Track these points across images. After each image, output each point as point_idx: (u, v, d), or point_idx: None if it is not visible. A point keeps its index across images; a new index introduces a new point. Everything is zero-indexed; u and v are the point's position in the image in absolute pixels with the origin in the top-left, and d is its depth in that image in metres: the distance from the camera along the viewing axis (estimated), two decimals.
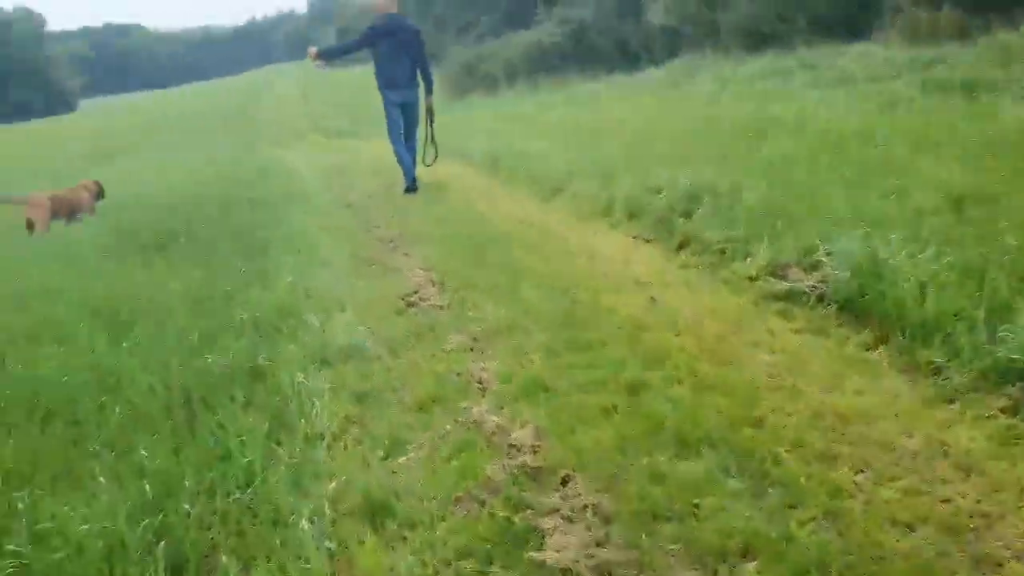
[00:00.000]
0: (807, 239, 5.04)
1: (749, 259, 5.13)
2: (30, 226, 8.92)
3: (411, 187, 9.43)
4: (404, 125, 9.69)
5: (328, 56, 10.17)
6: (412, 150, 9.74)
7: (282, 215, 8.09)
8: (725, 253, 5.39)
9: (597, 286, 5.08)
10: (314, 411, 3.63)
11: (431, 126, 9.95)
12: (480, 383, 3.88)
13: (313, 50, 9.80)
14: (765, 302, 4.62)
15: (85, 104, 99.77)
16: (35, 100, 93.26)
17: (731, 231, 5.56)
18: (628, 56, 22.12)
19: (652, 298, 4.77)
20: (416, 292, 5.41)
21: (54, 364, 4.10)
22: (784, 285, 4.70)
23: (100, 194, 9.70)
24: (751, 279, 4.91)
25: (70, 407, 3.73)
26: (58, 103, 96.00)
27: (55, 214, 9.24)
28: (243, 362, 4.06)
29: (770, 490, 2.84)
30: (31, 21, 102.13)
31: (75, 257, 6.71)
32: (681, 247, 5.81)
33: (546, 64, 24.25)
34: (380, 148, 18.80)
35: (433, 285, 5.53)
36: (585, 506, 2.87)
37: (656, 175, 7.19)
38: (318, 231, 7.57)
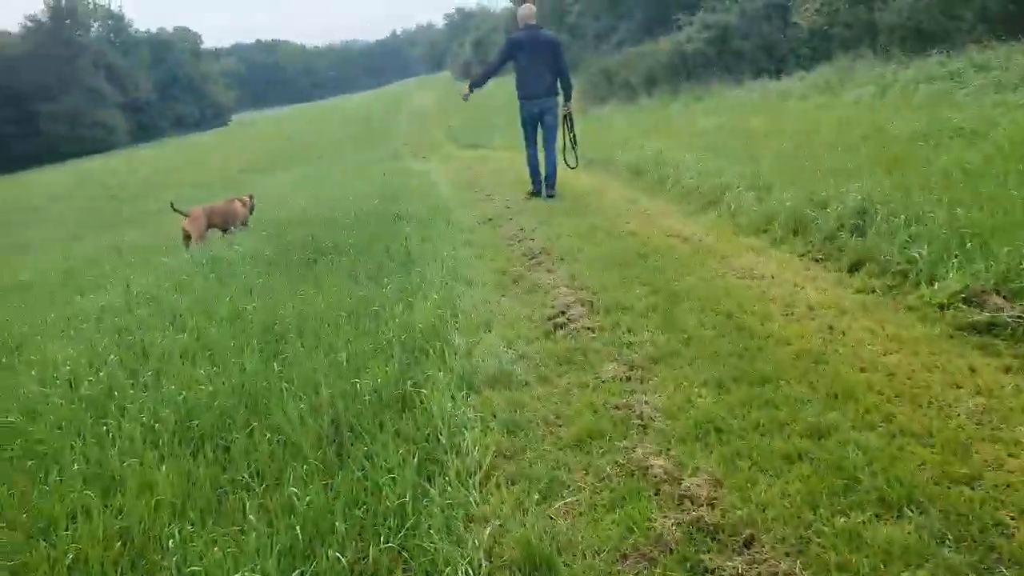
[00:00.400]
0: (1006, 262, 4.46)
1: (937, 284, 4.59)
2: (186, 238, 9.21)
3: (536, 192, 9.76)
4: (543, 132, 9.80)
5: (476, 86, 10.29)
6: (551, 156, 9.77)
7: (426, 229, 8.00)
8: (907, 277, 4.85)
9: (765, 311, 4.66)
10: (464, 444, 3.41)
11: (572, 132, 10.14)
12: (641, 419, 3.56)
13: (465, 91, 10.29)
14: (961, 334, 4.09)
15: (237, 117, 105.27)
16: (192, 113, 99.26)
17: (912, 251, 5.01)
18: (775, 60, 21.21)
19: (829, 327, 4.32)
20: (564, 313, 5.14)
21: (206, 385, 4.04)
22: (983, 315, 4.15)
23: (252, 207, 9.96)
24: (941, 307, 4.38)
25: (221, 433, 3.63)
26: (213, 116, 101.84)
27: (211, 226, 9.51)
28: (391, 387, 3.88)
29: (1004, 571, 2.40)
30: (188, 40, 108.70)
31: (228, 272, 6.79)
32: (855, 268, 5.29)
33: (688, 71, 23.65)
34: (516, 159, 18.88)
35: (582, 305, 5.24)
36: (775, 574, 2.51)
37: (820, 188, 6.65)
38: (461, 245, 7.43)
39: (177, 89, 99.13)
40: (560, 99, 9.80)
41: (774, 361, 3.95)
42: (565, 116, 9.96)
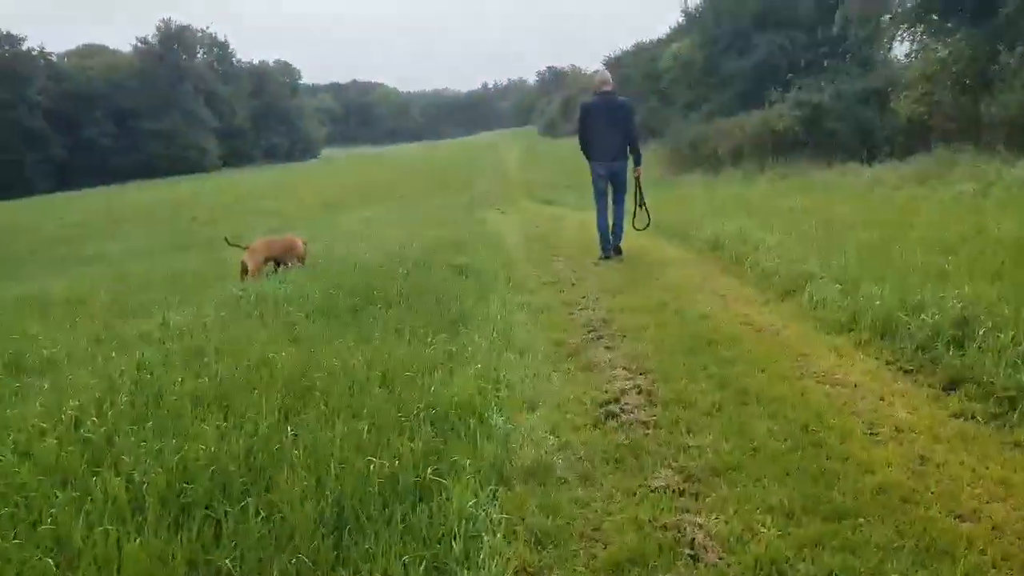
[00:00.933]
0: None
1: None
2: (244, 271, 9.00)
3: (605, 257, 9.87)
4: (612, 193, 10.28)
5: (588, 155, 10.44)
6: (619, 213, 10.27)
7: (485, 286, 7.62)
8: (1015, 406, 4.21)
9: (845, 427, 4.08)
10: (481, 554, 2.93)
11: (640, 193, 10.59)
12: (692, 547, 3.03)
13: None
14: None
15: (326, 152, 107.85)
16: (283, 144, 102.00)
17: (1022, 375, 4.38)
18: (868, 145, 20.51)
19: (920, 456, 3.73)
20: (618, 400, 4.64)
21: (211, 441, 3.64)
22: None
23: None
24: None
25: (214, 502, 3.22)
26: (303, 149, 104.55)
27: (269, 260, 9.30)
28: (410, 472, 3.42)
29: None
30: (288, 74, 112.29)
31: (271, 311, 6.47)
32: (951, 387, 4.65)
33: (776, 147, 23.06)
34: (588, 220, 18.49)
35: (639, 393, 4.74)
36: None
37: (913, 289, 6.03)
38: (518, 308, 7.01)
39: (272, 120, 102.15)
40: (630, 163, 10.37)
41: (854, 491, 3.39)
42: (636, 179, 10.51)
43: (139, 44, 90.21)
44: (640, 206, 10.55)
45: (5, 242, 37.16)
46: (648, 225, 10.69)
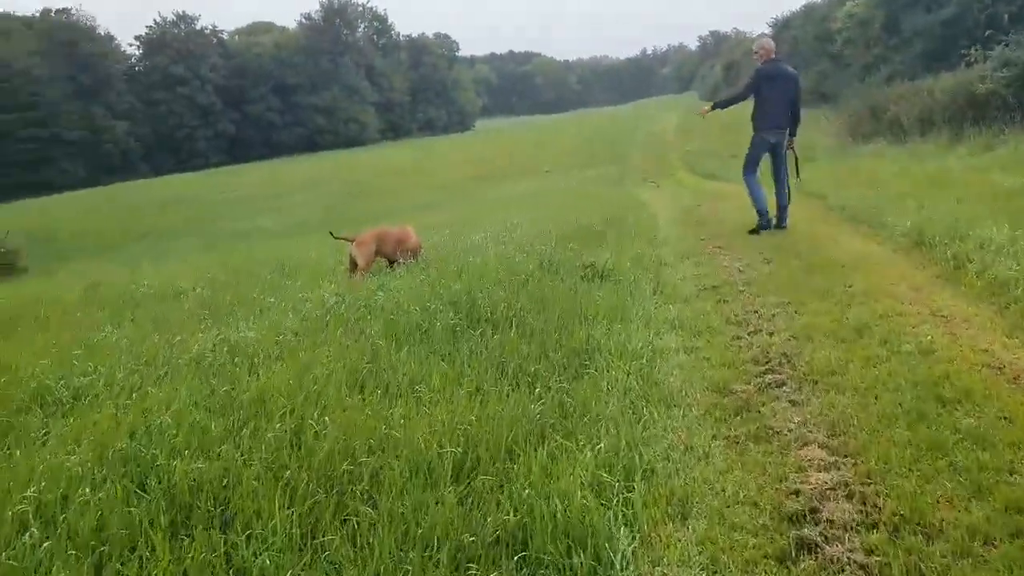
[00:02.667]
0: None
1: None
2: (352, 267, 7.88)
3: (764, 226, 9.76)
4: (775, 164, 10.25)
5: (720, 106, 10.93)
6: (786, 187, 10.21)
7: (624, 296, 6.03)
8: None
9: None
10: None
11: (797, 164, 10.62)
12: None
13: (706, 108, 10.97)
14: None
15: (481, 123, 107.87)
16: (440, 117, 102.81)
17: None
18: None
19: None
20: (816, 510, 3.00)
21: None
22: None
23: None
24: None
25: None
26: (458, 121, 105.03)
27: (380, 254, 8.12)
28: None
29: None
30: (446, 46, 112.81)
31: (354, 331, 5.18)
32: None
33: (976, 114, 20.01)
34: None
35: (849, 499, 3.08)
36: None
37: None
38: (667, 329, 5.40)
39: (429, 92, 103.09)
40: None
41: None
42: (791, 150, 10.52)
43: (303, 20, 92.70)
44: (797, 175, 10.62)
45: (166, 215, 38.65)
46: (800, 180, 10.76)
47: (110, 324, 6.44)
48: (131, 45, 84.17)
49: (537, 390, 4.05)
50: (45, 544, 2.65)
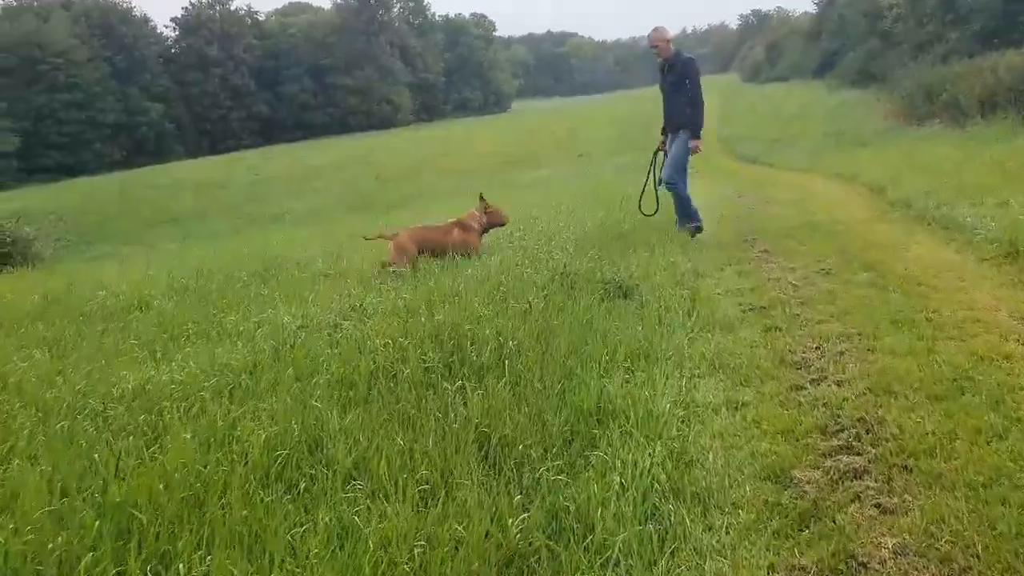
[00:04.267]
0: None
1: None
2: (384, 264, 7.29)
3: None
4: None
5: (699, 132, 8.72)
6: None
7: (650, 323, 4.87)
8: None
9: None
10: None
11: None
12: None
13: (697, 143, 8.62)
14: None
15: (517, 105, 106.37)
16: (476, 98, 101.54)
17: None
18: None
19: None
20: None
21: None
22: None
23: (485, 226, 8.01)
24: None
25: None
26: (494, 102, 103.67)
27: (421, 251, 7.45)
28: None
29: None
30: (483, 26, 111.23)
31: (312, 367, 4.09)
32: None
33: None
34: (809, 186, 15.05)
35: None
36: None
37: None
38: (703, 372, 4.24)
39: (465, 73, 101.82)
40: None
41: None
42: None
43: (338, 0, 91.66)
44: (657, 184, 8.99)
45: (198, 198, 38.05)
46: (657, 211, 8.94)
47: (36, 349, 5.40)
48: (166, 27, 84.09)
49: (525, 480, 2.94)
50: None
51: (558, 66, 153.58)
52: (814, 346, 4.58)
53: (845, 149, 22.18)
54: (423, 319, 4.49)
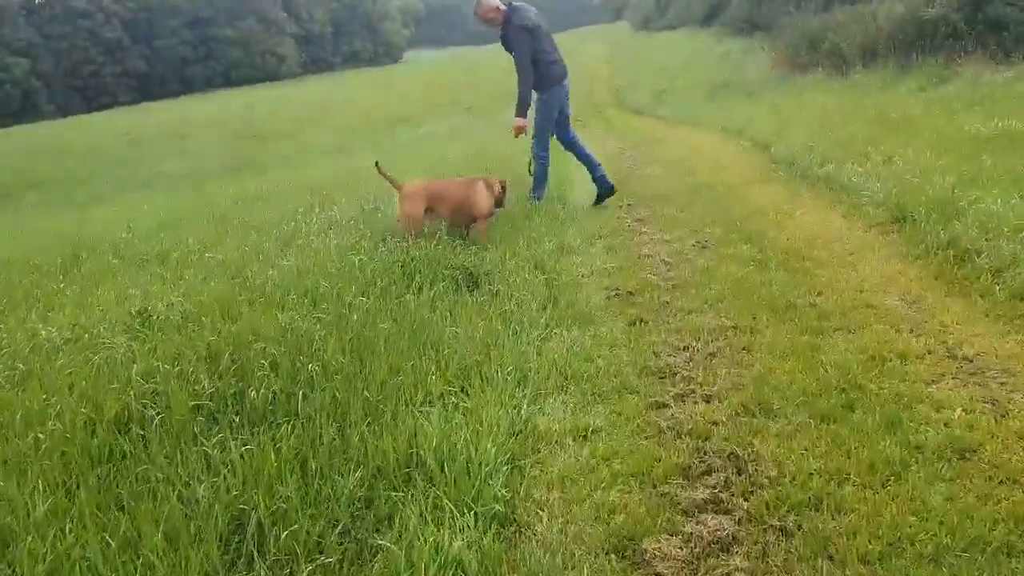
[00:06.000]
0: None
1: None
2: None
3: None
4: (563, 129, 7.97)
5: (524, 109, 7.74)
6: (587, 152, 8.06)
7: (498, 319, 4.11)
8: None
9: None
10: None
11: None
12: None
13: (518, 125, 7.86)
14: None
15: (409, 55, 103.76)
16: (366, 49, 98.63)
17: None
18: None
19: None
20: None
21: None
22: None
23: (501, 200, 6.40)
24: None
25: None
26: (384, 53, 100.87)
27: (432, 214, 6.07)
28: None
29: None
30: None
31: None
32: None
33: (925, 42, 18.37)
34: (693, 139, 14.53)
35: None
36: None
37: None
38: (549, 390, 3.52)
39: (354, 24, 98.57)
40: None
41: None
42: None
43: None
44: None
45: (64, 160, 35.51)
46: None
47: None
48: None
49: None
50: None
51: (450, 15, 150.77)
52: (682, 346, 3.91)
53: (733, 100, 21.87)
54: (208, 332, 3.60)
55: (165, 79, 76.97)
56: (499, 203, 6.40)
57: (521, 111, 7.65)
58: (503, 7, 7.56)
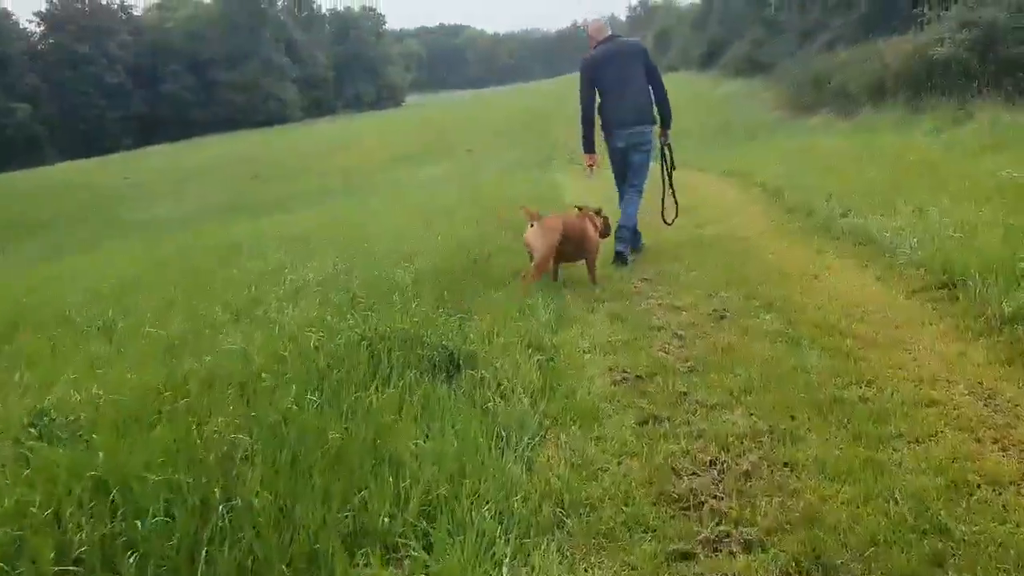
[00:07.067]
0: None
1: None
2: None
3: (621, 258, 6.92)
4: (629, 173, 7.46)
5: (590, 146, 7.56)
6: (627, 209, 7.30)
7: (478, 424, 3.35)
8: None
9: None
10: None
11: (670, 169, 7.79)
12: None
13: (590, 163, 7.66)
14: None
15: (411, 99, 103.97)
16: (368, 92, 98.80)
17: None
18: None
19: None
20: None
21: None
22: None
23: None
24: None
25: None
26: (388, 97, 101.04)
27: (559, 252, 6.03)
28: None
29: None
30: (372, 19, 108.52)
31: None
32: None
33: (935, 82, 17.82)
34: (703, 187, 13.81)
35: None
36: None
37: None
38: (538, 532, 2.73)
39: (356, 68, 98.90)
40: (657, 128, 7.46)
41: None
42: (666, 148, 7.68)
43: None
44: (669, 187, 7.83)
45: (62, 204, 35.03)
46: (676, 216, 7.90)
47: None
48: (30, 22, 78.62)
49: None
50: None
51: (453, 59, 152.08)
52: (708, 459, 3.13)
53: (736, 142, 21.29)
54: (102, 454, 2.83)
55: (168, 123, 76.87)
56: (603, 235, 6.52)
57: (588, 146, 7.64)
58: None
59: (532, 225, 5.91)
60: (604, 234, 6.56)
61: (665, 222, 7.87)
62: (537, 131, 33.58)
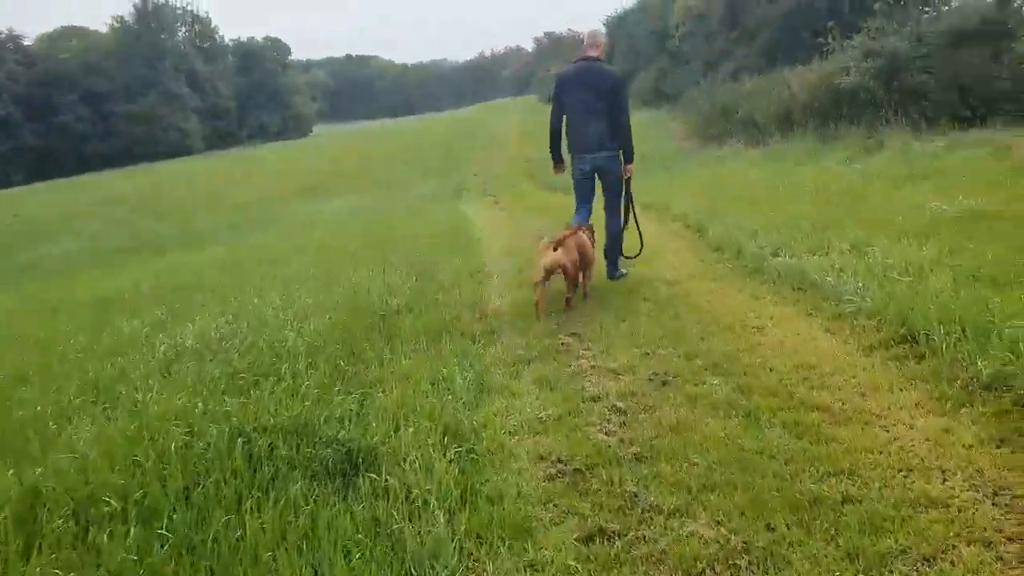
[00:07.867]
0: None
1: None
2: (547, 277, 6.27)
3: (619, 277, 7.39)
4: (604, 197, 7.59)
5: (557, 155, 7.70)
6: (615, 230, 7.50)
7: (367, 551, 2.65)
8: None
9: None
10: None
11: (630, 202, 7.66)
12: None
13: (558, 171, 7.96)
14: None
15: (319, 129, 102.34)
16: (274, 122, 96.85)
17: None
18: (976, 105, 15.42)
19: None
20: None
21: None
22: None
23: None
24: None
25: None
26: (294, 127, 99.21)
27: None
28: None
29: None
30: (278, 50, 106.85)
31: None
32: None
33: (842, 111, 17.95)
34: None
35: None
36: None
37: None
38: None
39: (260, 98, 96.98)
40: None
41: None
42: (625, 181, 7.53)
43: (115, 23, 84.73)
44: (634, 222, 7.68)
45: None
46: (640, 252, 7.73)
47: None
48: None
49: None
50: None
51: (361, 89, 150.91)
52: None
53: (649, 173, 21.06)
54: None
55: (63, 157, 73.47)
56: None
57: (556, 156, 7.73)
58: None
59: (556, 249, 6.15)
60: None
61: (625, 256, 7.67)
62: (448, 162, 33.01)
